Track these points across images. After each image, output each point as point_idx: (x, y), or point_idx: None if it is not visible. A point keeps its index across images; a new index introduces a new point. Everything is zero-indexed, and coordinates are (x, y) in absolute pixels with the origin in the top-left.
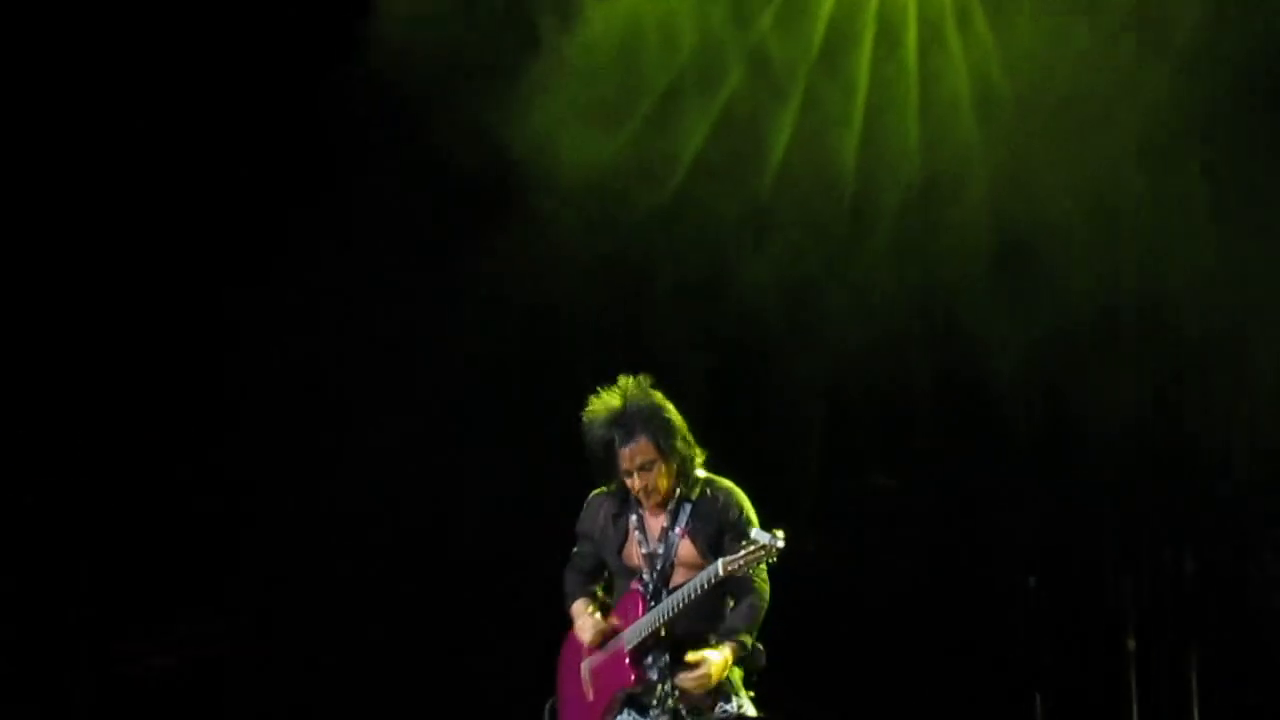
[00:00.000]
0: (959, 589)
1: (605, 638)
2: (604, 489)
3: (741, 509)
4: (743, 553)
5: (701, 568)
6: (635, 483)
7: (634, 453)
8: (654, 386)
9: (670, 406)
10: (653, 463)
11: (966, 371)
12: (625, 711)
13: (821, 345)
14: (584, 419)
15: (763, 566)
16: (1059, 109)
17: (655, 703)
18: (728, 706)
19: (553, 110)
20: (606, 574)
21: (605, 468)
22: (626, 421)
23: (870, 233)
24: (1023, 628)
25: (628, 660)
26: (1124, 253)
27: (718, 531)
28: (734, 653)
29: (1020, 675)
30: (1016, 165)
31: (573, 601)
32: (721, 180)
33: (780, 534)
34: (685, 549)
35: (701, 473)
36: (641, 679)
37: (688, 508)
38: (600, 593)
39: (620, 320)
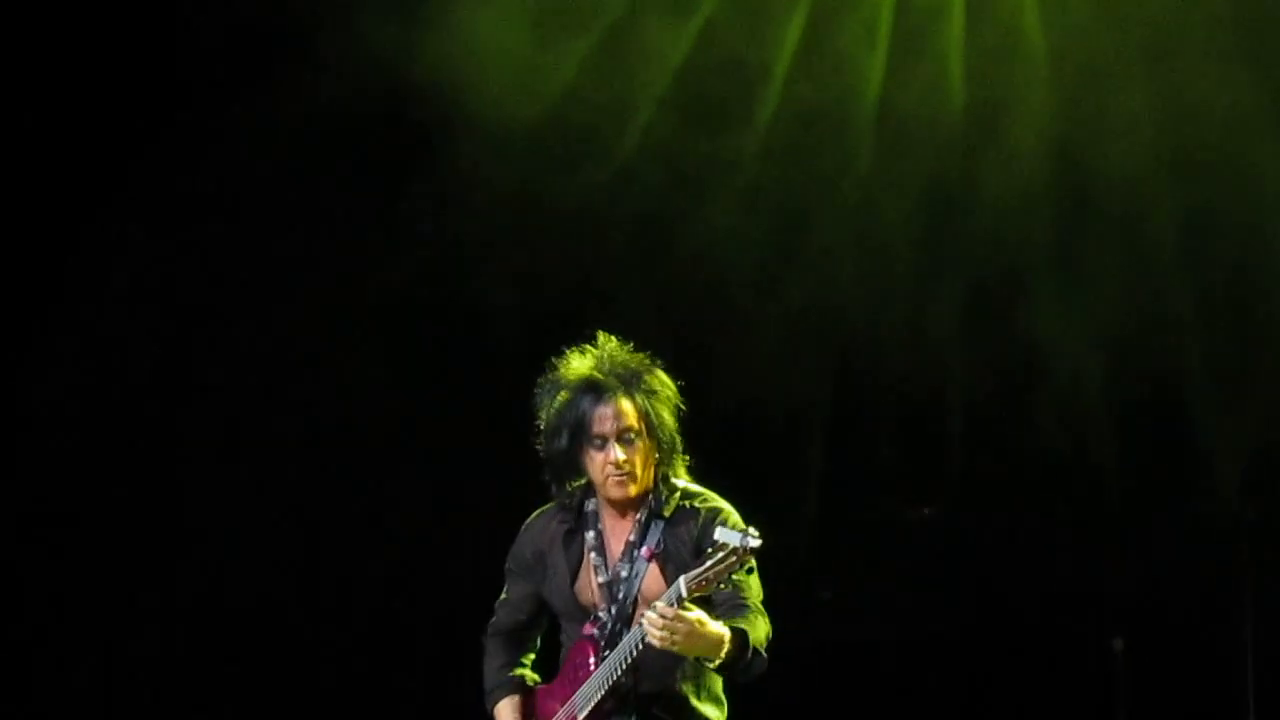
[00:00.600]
0: (1021, 649)
1: None
2: (547, 507)
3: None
4: (708, 563)
5: None
6: (610, 456)
7: (615, 414)
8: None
9: (664, 376)
10: (635, 434)
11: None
12: None
13: (822, 319)
14: (542, 385)
15: (754, 584)
16: None
17: None
18: None
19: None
20: (540, 629)
21: (561, 461)
22: (604, 380)
23: (892, 187)
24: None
25: None
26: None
27: (695, 555)
28: (732, 640)
29: None
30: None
31: (494, 700)
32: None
33: (753, 532)
34: (652, 578)
35: (680, 481)
36: None
37: (659, 526)
38: (529, 672)
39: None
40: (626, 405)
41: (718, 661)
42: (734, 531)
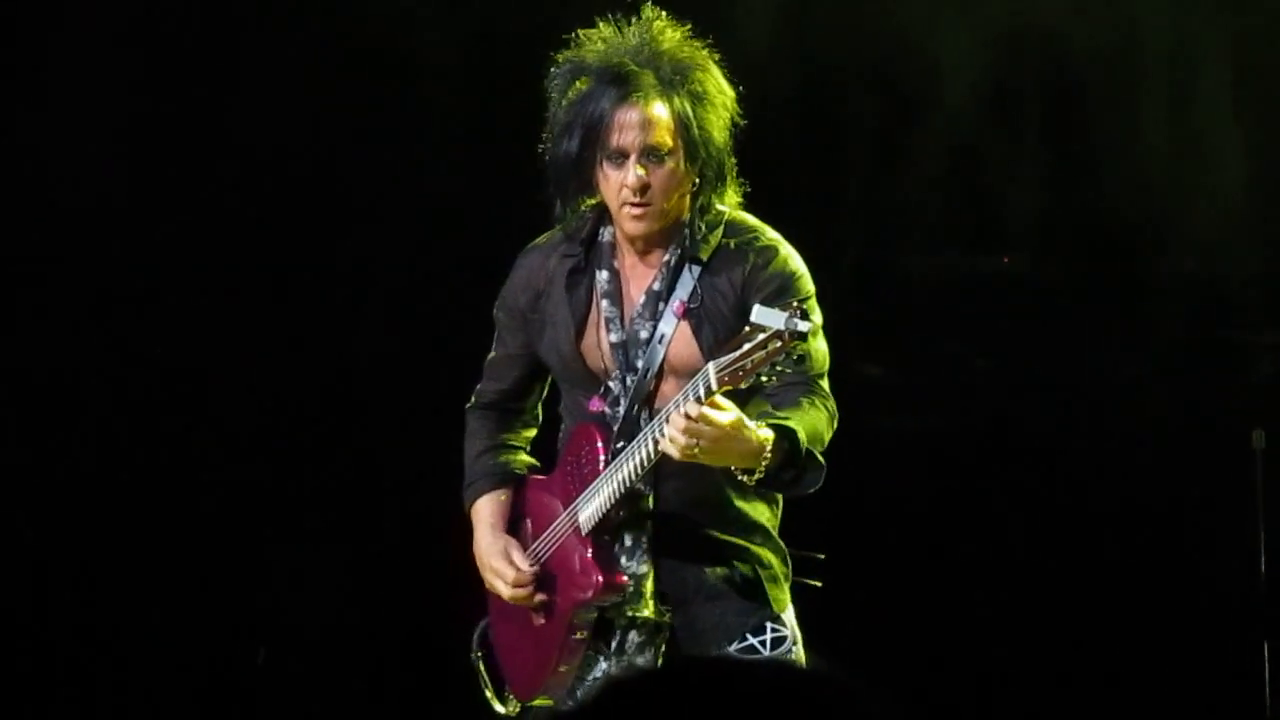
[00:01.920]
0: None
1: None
2: (548, 236)
3: (792, 276)
4: (743, 347)
5: None
6: (627, 178)
7: (643, 121)
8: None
9: (721, 78)
10: (666, 152)
11: None
12: (598, 656)
13: None
14: (559, 66)
15: (817, 353)
16: None
17: (631, 616)
18: (752, 640)
19: None
20: (539, 397)
21: (568, 173)
22: (637, 73)
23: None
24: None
25: (588, 552)
26: None
27: (740, 312)
28: (776, 445)
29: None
30: None
31: (473, 495)
32: None
33: (805, 308)
34: (683, 343)
35: (725, 209)
36: (612, 585)
37: (694, 271)
38: (522, 456)
39: None
40: (660, 111)
41: (758, 474)
42: (776, 310)
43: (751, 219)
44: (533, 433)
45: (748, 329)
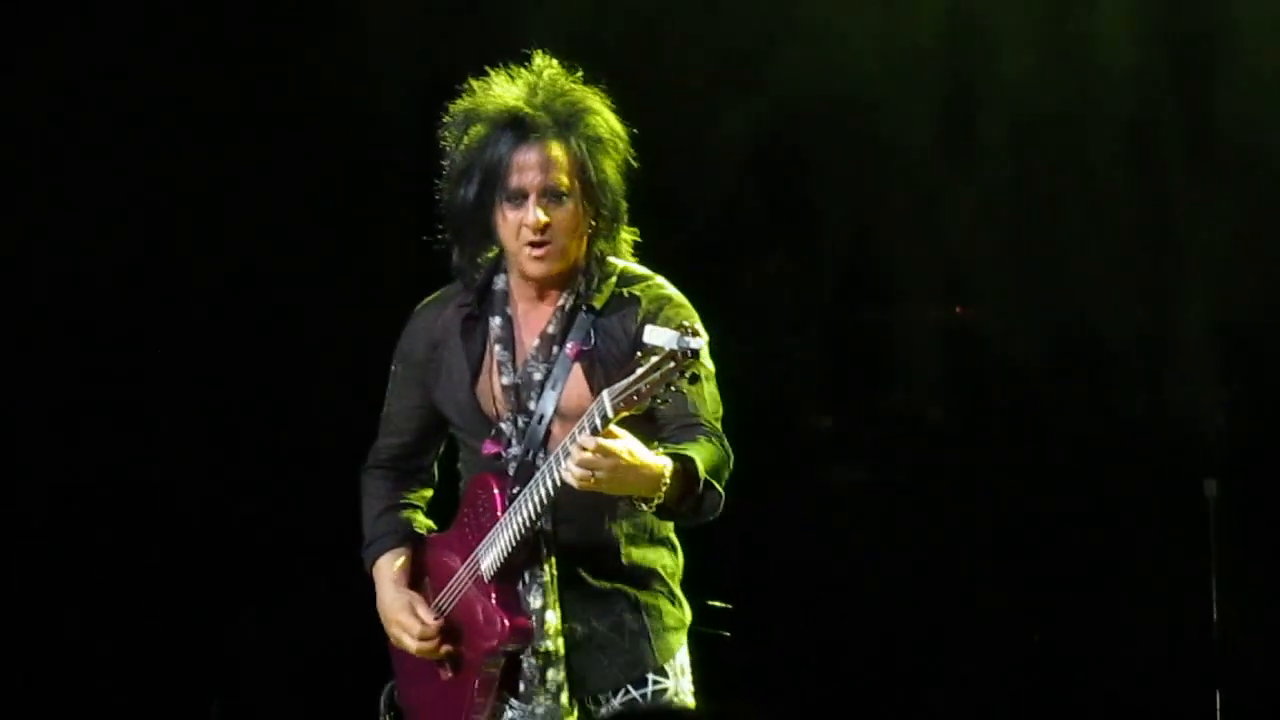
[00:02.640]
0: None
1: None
2: (443, 291)
3: (681, 325)
4: (637, 372)
5: None
6: (527, 218)
7: (542, 162)
8: None
9: (615, 121)
10: (565, 192)
11: None
12: (518, 690)
13: None
14: (453, 114)
15: (708, 396)
16: None
17: (543, 654)
18: (634, 693)
19: None
20: (434, 455)
21: (466, 219)
22: (533, 116)
23: None
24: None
25: (492, 599)
26: None
27: (632, 359)
28: (675, 473)
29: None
30: None
31: (373, 555)
32: None
33: (694, 327)
34: (576, 386)
35: (619, 262)
36: (519, 629)
37: (588, 318)
38: (420, 516)
39: None
40: (558, 152)
41: (656, 501)
42: (667, 330)
43: (643, 269)
44: (429, 493)
45: (639, 354)
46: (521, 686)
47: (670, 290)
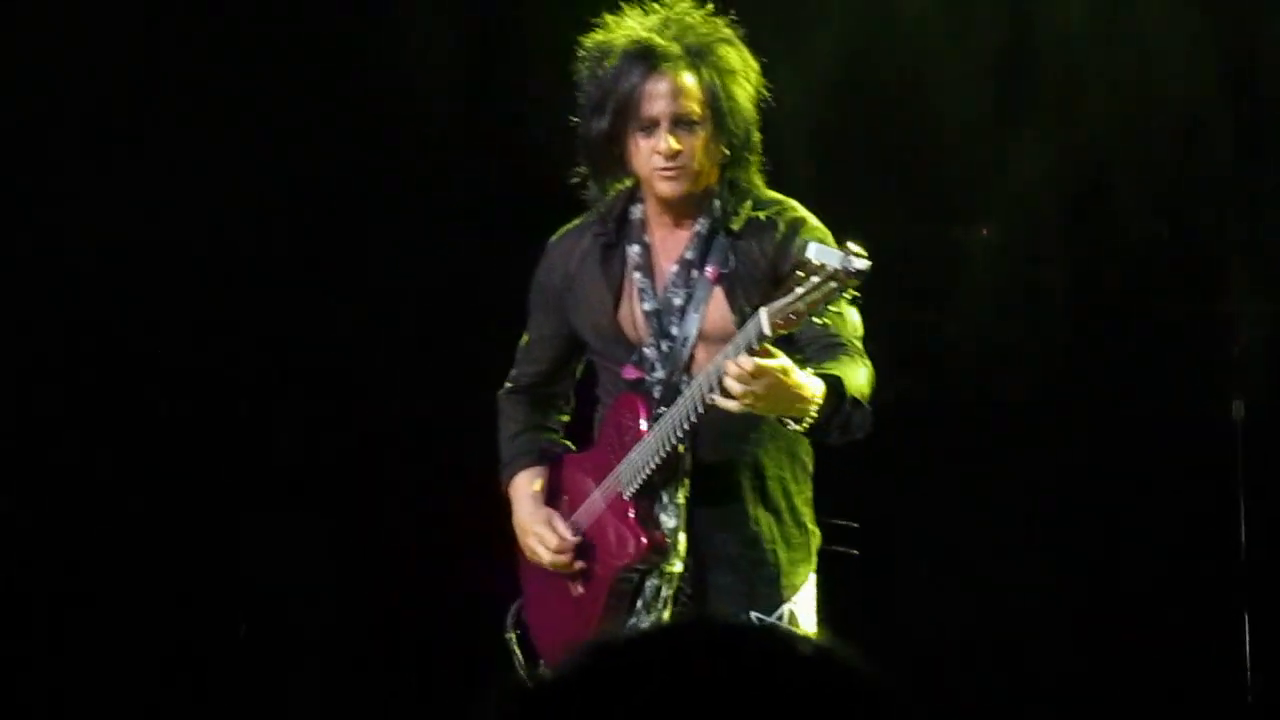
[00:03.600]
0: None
1: (575, 528)
2: (577, 222)
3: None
4: (797, 290)
5: None
6: (659, 145)
7: (672, 91)
8: None
9: (748, 54)
10: (696, 120)
11: None
12: (636, 609)
13: None
14: (587, 49)
15: (850, 317)
16: None
17: (665, 575)
18: (766, 619)
19: None
20: (572, 383)
21: (600, 150)
22: (664, 48)
23: None
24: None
25: (630, 515)
26: None
27: (771, 281)
28: (826, 392)
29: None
30: None
31: (510, 474)
32: None
33: (857, 249)
34: (717, 308)
35: (749, 191)
36: (655, 545)
37: (726, 241)
38: (557, 439)
39: None
40: (689, 81)
41: (808, 421)
42: (832, 249)
43: (775, 194)
44: (565, 418)
45: (801, 270)
46: (648, 606)
47: (804, 212)
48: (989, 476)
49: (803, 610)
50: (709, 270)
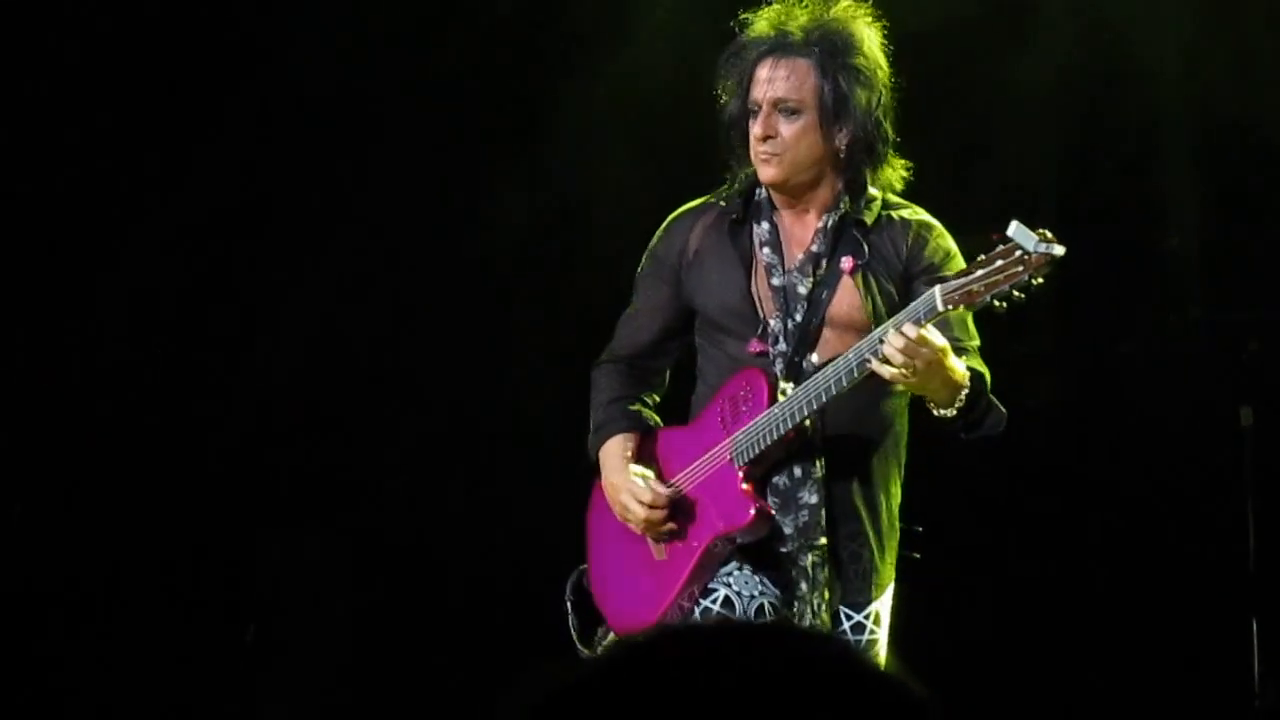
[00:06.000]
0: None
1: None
2: (700, 201)
3: (949, 254)
4: (983, 270)
5: (861, 333)
6: (755, 129)
7: (781, 76)
8: None
9: (881, 57)
10: (799, 107)
11: None
12: (734, 569)
13: None
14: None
15: (972, 326)
16: None
17: (792, 544)
18: (859, 639)
19: None
20: (670, 362)
21: (731, 132)
22: (786, 35)
23: None
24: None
25: (741, 482)
26: None
27: (903, 278)
28: (967, 381)
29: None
30: None
31: (603, 438)
32: None
33: (1052, 237)
34: (847, 296)
35: (878, 191)
36: (764, 514)
37: (855, 235)
38: (651, 413)
39: None
40: (798, 69)
41: (955, 408)
42: (1029, 231)
43: (901, 199)
44: (658, 397)
45: (991, 251)
46: (809, 581)
47: (933, 219)
48: (995, 482)
49: (885, 611)
50: (844, 260)
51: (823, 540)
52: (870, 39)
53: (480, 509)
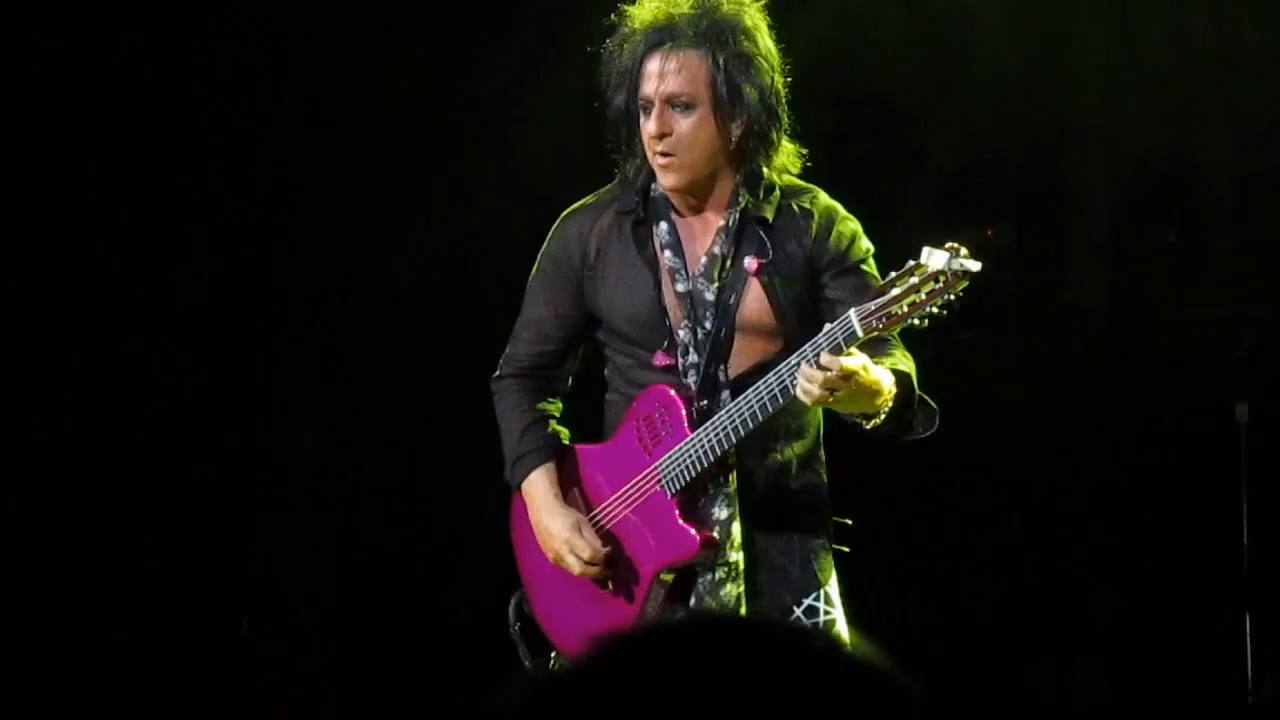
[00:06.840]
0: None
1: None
2: (592, 197)
3: (854, 238)
4: (894, 291)
5: (773, 336)
6: (649, 128)
7: (670, 69)
8: None
9: (771, 43)
10: (692, 101)
11: None
12: (691, 604)
13: None
14: (615, 24)
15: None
16: None
17: (728, 567)
18: (815, 620)
19: None
20: (572, 369)
21: (618, 129)
22: (673, 26)
23: None
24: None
25: (676, 512)
26: None
27: (808, 273)
28: (892, 388)
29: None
30: None
31: (524, 471)
32: None
33: (964, 250)
34: (755, 299)
35: (775, 179)
36: (709, 541)
37: (757, 232)
38: (561, 427)
39: None
40: (689, 61)
41: (880, 418)
42: (939, 250)
43: (800, 181)
44: (563, 405)
45: (894, 274)
46: (695, 600)
47: (833, 201)
48: (992, 478)
49: (834, 591)
50: (749, 261)
51: (730, 558)
52: (760, 24)
53: (475, 505)
